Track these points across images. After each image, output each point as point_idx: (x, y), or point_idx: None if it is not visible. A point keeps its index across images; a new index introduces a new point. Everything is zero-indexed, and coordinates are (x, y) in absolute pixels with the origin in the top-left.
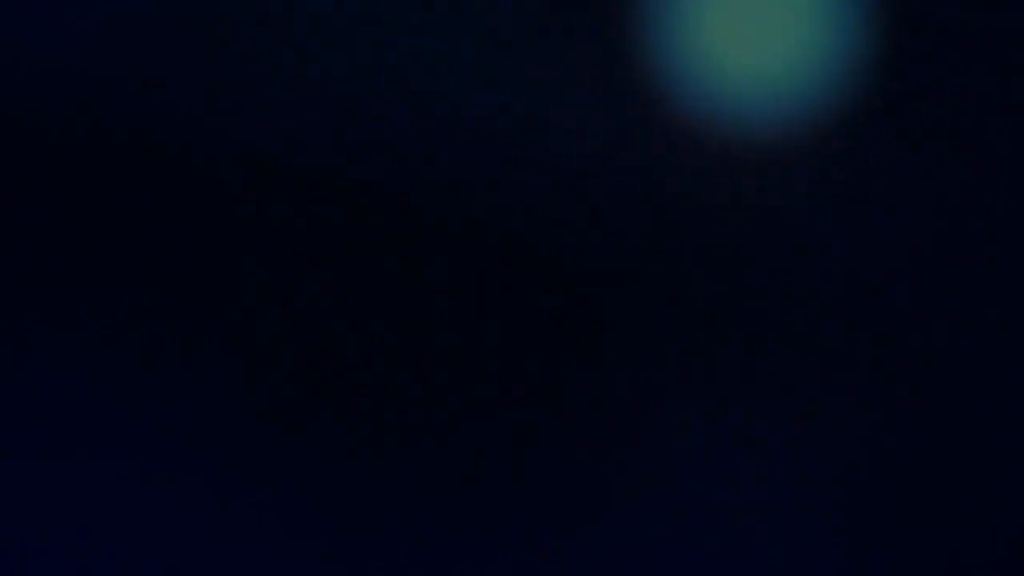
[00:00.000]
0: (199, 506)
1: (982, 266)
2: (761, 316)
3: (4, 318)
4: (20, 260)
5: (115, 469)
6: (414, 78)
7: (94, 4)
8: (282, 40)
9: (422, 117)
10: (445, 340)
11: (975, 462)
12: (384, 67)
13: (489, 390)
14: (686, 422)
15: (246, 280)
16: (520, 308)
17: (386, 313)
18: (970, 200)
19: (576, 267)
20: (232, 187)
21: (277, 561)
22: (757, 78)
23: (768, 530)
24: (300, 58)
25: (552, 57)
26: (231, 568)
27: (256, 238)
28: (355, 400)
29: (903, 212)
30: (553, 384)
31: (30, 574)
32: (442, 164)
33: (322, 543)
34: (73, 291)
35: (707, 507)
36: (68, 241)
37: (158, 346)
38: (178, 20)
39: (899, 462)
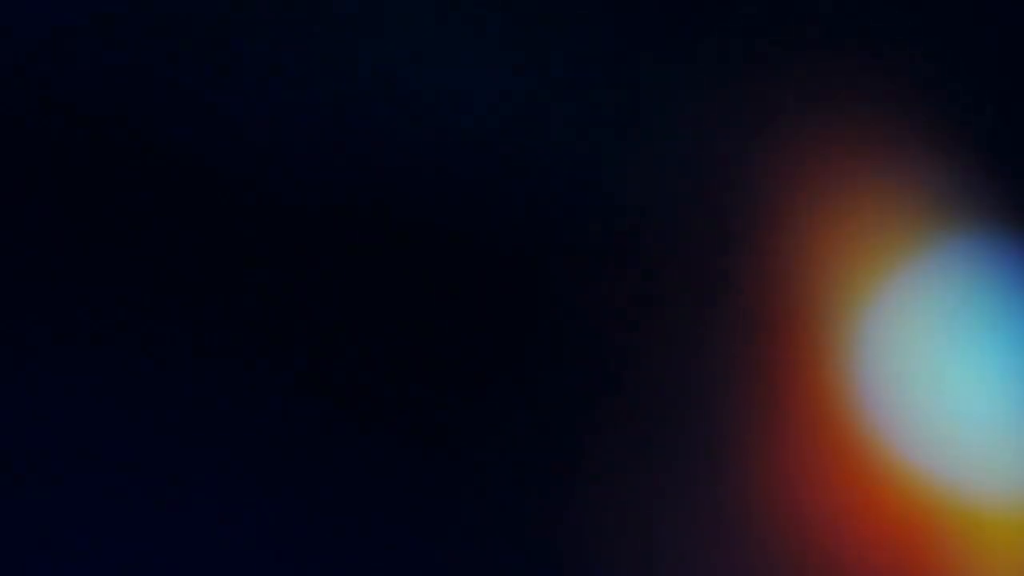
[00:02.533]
0: (199, 507)
1: None
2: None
3: (4, 318)
4: (20, 260)
5: (114, 470)
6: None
7: (94, 4)
8: (281, 40)
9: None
10: (443, 343)
11: None
12: (383, 68)
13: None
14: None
15: (245, 280)
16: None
17: (384, 315)
18: None
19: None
20: (230, 187)
21: (277, 562)
22: None
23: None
24: (299, 58)
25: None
26: (232, 568)
27: (255, 239)
28: (355, 404)
29: None
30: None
31: (30, 574)
32: (440, 165)
33: (322, 544)
34: (73, 291)
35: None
36: (68, 241)
37: (157, 346)
38: (178, 21)
39: None
